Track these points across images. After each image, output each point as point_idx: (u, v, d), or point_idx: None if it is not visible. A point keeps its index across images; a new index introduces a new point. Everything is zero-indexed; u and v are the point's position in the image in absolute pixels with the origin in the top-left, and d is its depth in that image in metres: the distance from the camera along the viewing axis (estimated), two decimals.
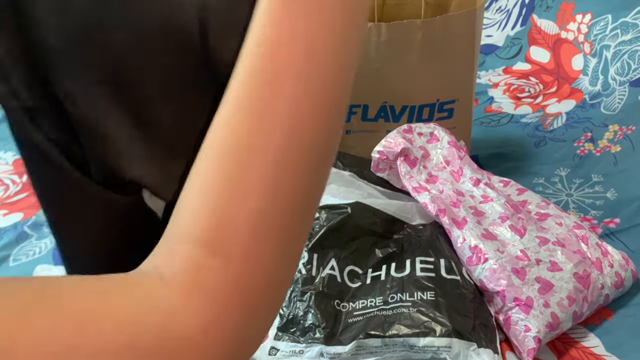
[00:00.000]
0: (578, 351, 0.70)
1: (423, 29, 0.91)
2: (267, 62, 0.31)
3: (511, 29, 1.56)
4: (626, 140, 1.09)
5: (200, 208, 0.29)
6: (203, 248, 0.28)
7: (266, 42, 0.31)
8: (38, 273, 0.92)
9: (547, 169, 1.08)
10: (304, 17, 0.31)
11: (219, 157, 0.30)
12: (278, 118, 0.30)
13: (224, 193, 0.29)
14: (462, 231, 0.77)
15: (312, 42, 0.31)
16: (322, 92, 0.31)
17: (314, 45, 0.31)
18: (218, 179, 0.29)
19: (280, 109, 0.30)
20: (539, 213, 0.84)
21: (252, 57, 0.31)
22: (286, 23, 0.31)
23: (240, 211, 0.29)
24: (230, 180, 0.29)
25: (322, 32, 0.31)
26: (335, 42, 0.32)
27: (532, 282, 0.71)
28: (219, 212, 0.29)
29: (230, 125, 0.31)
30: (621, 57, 1.27)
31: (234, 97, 0.31)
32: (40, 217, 1.06)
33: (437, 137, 0.91)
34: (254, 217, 0.29)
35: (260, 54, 0.31)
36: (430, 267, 0.75)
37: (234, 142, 0.30)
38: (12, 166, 1.25)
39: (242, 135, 0.30)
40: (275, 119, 0.30)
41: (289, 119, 0.30)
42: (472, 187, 0.86)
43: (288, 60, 0.30)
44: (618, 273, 0.75)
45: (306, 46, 0.31)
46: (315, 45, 0.31)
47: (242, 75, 0.31)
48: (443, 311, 0.69)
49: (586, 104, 1.26)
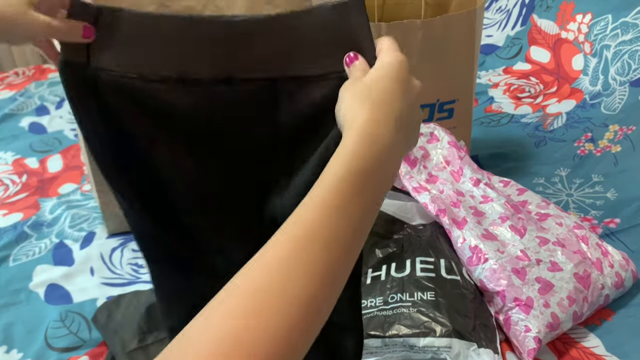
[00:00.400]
0: (578, 351, 0.70)
1: (423, 29, 0.91)
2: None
3: (511, 29, 1.56)
4: (626, 140, 1.09)
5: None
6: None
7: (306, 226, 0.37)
8: (38, 273, 0.92)
9: (547, 169, 1.08)
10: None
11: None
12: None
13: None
14: (462, 231, 0.77)
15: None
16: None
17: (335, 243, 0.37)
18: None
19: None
20: (539, 213, 0.84)
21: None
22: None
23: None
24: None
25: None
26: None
27: (533, 282, 0.71)
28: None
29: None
30: (621, 57, 1.27)
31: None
32: (40, 217, 1.06)
33: (437, 137, 0.91)
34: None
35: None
36: (431, 267, 0.75)
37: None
38: (12, 166, 1.25)
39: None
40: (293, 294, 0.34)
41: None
42: (472, 187, 0.86)
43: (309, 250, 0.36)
44: (618, 273, 0.75)
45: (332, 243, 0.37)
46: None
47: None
48: (443, 311, 0.69)
49: (586, 104, 1.26)
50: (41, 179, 1.19)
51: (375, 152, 0.40)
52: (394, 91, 0.43)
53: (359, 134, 0.40)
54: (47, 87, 1.63)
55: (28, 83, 1.66)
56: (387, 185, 0.43)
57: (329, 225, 0.37)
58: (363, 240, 0.40)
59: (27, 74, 1.75)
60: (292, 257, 0.35)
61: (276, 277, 0.34)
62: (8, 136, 1.38)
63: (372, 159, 0.39)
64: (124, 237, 0.99)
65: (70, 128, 1.40)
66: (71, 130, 1.39)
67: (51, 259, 0.95)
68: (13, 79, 1.71)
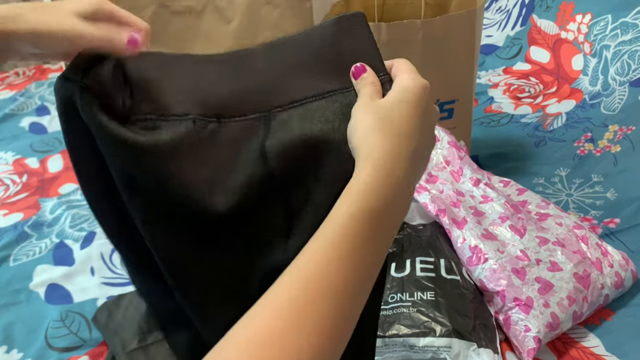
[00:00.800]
0: (578, 351, 0.70)
1: (423, 29, 0.91)
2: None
3: (511, 29, 1.56)
4: (626, 141, 1.09)
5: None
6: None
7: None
8: (38, 273, 0.92)
9: (547, 169, 1.08)
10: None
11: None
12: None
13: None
14: (462, 231, 0.77)
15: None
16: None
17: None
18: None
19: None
20: (539, 213, 0.84)
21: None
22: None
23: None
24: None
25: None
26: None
27: (532, 282, 0.71)
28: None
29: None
30: (621, 57, 1.27)
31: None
32: (41, 217, 1.06)
33: (437, 137, 0.91)
34: None
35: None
36: (430, 267, 0.75)
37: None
38: (12, 166, 1.25)
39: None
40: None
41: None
42: (472, 187, 0.86)
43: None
44: (618, 273, 0.75)
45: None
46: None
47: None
48: (443, 311, 0.69)
49: (586, 104, 1.26)
50: (41, 179, 1.19)
51: (390, 189, 0.38)
52: (414, 120, 0.41)
53: (374, 168, 0.38)
54: (48, 87, 1.63)
55: (28, 83, 1.66)
56: (399, 221, 0.41)
57: (338, 273, 0.35)
58: (373, 280, 0.38)
59: (28, 74, 1.75)
60: (299, 309, 0.33)
61: (280, 328, 0.32)
62: (8, 136, 1.38)
63: (386, 198, 0.38)
64: None
65: None
66: None
67: (51, 259, 0.96)
68: (13, 79, 1.72)
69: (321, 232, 0.37)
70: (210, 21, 0.92)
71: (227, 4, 0.92)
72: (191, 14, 0.91)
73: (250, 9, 0.93)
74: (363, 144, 0.40)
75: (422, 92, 0.42)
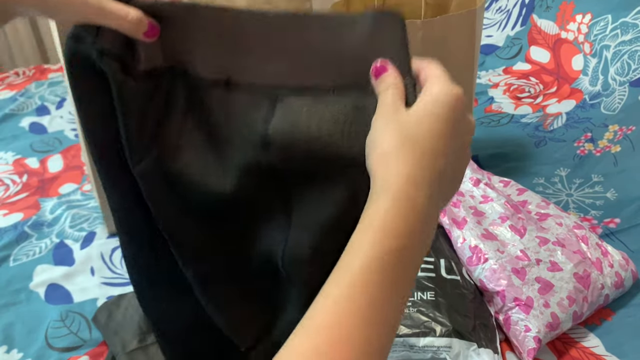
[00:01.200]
0: (578, 351, 0.70)
1: (423, 29, 0.91)
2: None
3: (511, 29, 1.56)
4: (626, 141, 1.09)
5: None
6: None
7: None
8: (38, 273, 0.92)
9: (547, 169, 1.08)
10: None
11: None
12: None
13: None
14: (462, 231, 0.77)
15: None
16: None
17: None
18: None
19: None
20: (539, 213, 0.84)
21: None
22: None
23: None
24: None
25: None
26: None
27: (532, 282, 0.71)
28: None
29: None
30: (621, 57, 1.27)
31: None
32: (41, 217, 1.06)
33: None
34: None
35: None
36: (430, 267, 0.75)
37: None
38: (12, 166, 1.25)
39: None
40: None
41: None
42: (472, 187, 0.86)
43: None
44: (618, 273, 0.75)
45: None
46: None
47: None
48: (443, 311, 0.69)
49: (586, 104, 1.26)
50: (41, 179, 1.19)
51: (413, 222, 0.33)
52: (444, 139, 0.35)
53: (396, 198, 0.33)
54: (48, 87, 1.63)
55: (28, 83, 1.66)
56: (421, 257, 0.36)
57: (359, 325, 0.31)
58: (396, 328, 0.34)
59: (27, 74, 1.75)
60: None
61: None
62: (8, 136, 1.38)
63: (409, 235, 0.33)
64: None
65: (70, 128, 1.40)
66: (72, 130, 1.39)
67: (51, 259, 0.96)
68: (13, 79, 1.72)
69: (335, 282, 0.33)
70: None
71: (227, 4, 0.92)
72: None
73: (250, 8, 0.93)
74: (382, 167, 0.35)
75: (455, 103, 0.36)
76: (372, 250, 0.32)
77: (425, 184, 0.34)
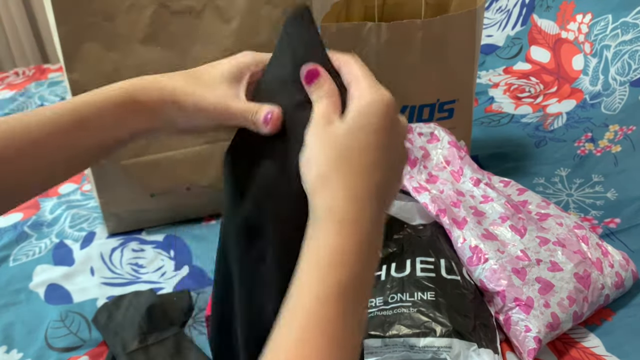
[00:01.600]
0: (578, 351, 0.70)
1: (423, 29, 0.91)
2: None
3: (511, 29, 1.56)
4: (626, 141, 1.09)
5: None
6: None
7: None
8: (38, 273, 0.92)
9: (547, 169, 1.08)
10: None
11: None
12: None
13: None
14: (462, 231, 0.77)
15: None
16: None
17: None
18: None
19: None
20: (540, 213, 0.84)
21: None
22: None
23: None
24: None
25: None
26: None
27: (533, 282, 0.71)
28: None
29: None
30: (621, 57, 1.27)
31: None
32: (41, 217, 1.06)
33: (438, 137, 0.91)
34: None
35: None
36: (431, 267, 0.75)
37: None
38: None
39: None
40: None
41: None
42: (472, 187, 0.86)
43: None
44: (618, 273, 0.75)
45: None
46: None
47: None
48: (443, 311, 0.69)
49: (586, 104, 1.26)
50: None
51: (359, 242, 0.33)
52: (379, 150, 0.34)
53: (342, 224, 0.32)
54: (47, 87, 1.63)
55: (28, 83, 1.66)
56: (377, 263, 0.35)
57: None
58: (360, 344, 0.33)
59: (27, 74, 1.75)
60: None
61: None
62: None
63: (359, 259, 0.32)
64: (124, 237, 0.99)
65: None
66: None
67: (51, 259, 0.96)
68: (13, 79, 1.72)
69: (288, 325, 0.31)
70: (210, 21, 0.92)
71: (227, 4, 0.92)
72: (191, 13, 0.91)
73: (251, 8, 0.93)
74: (321, 190, 0.34)
75: (387, 110, 0.35)
76: (323, 285, 0.31)
77: (366, 200, 0.34)
